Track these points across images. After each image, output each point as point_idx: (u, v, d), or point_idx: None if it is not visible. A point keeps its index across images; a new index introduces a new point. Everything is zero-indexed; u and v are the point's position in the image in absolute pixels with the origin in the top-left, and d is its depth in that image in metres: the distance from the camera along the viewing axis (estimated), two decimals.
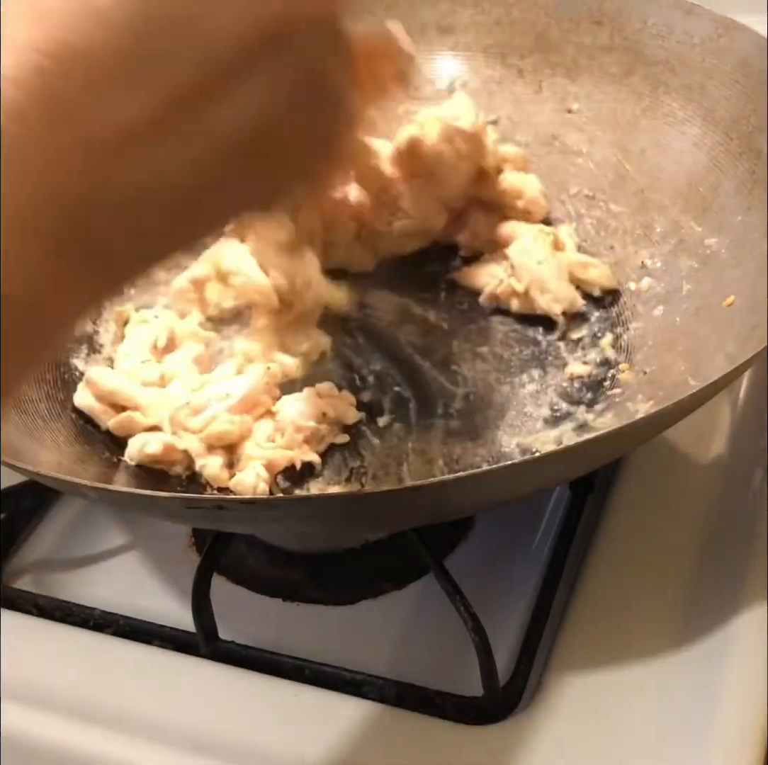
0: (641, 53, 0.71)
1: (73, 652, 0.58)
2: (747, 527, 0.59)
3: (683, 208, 0.67)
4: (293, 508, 0.49)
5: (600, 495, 0.63)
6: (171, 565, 0.63)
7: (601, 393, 0.62)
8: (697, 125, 0.68)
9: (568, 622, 0.57)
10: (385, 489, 0.54)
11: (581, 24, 0.74)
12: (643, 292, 0.67)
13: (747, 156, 0.64)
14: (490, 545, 0.62)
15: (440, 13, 0.78)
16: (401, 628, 0.58)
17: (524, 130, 0.74)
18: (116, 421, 0.61)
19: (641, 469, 0.64)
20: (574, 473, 0.57)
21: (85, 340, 0.68)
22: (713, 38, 0.68)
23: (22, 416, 0.59)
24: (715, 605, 0.56)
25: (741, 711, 0.51)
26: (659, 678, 0.53)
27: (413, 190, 0.69)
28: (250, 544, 0.63)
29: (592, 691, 0.53)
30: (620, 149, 0.72)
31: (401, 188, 0.70)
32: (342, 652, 0.57)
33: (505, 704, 0.53)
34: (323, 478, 0.59)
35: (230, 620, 0.58)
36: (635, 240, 0.69)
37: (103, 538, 0.65)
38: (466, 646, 0.52)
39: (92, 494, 0.51)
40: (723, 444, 0.66)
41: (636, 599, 0.57)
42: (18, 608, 0.61)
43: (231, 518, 0.50)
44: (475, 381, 0.64)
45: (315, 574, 0.62)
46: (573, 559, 0.59)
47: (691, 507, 0.62)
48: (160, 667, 0.57)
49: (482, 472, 0.47)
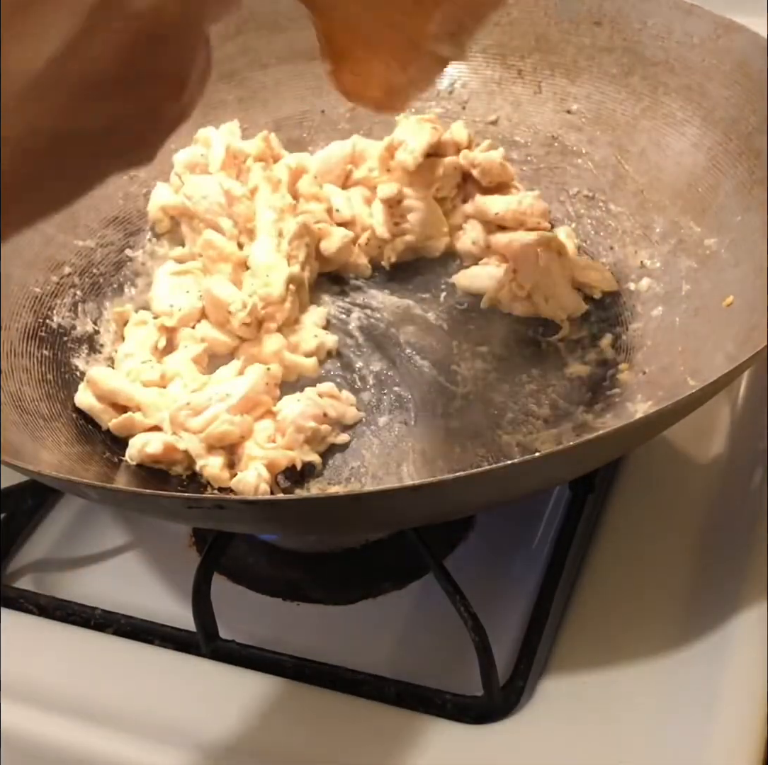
0: (641, 54, 0.72)
1: (74, 652, 0.58)
2: (747, 527, 0.59)
3: (683, 208, 0.67)
4: (293, 508, 0.49)
5: (600, 495, 0.63)
6: (171, 564, 0.63)
7: (600, 393, 0.62)
8: (697, 126, 0.68)
9: (568, 622, 0.57)
10: (385, 489, 0.54)
11: (581, 25, 0.74)
12: (642, 292, 0.67)
13: (746, 156, 0.64)
14: (490, 545, 0.62)
15: None
16: (401, 628, 0.58)
17: (524, 131, 0.74)
18: (117, 422, 0.61)
19: (641, 469, 0.64)
20: (574, 473, 0.57)
21: (85, 340, 0.68)
22: (713, 39, 0.68)
23: (22, 416, 0.59)
24: (715, 605, 0.56)
25: (741, 711, 0.51)
26: (659, 678, 0.53)
27: (424, 207, 0.71)
28: (250, 544, 0.63)
29: (592, 690, 0.53)
30: (620, 150, 0.72)
31: (414, 204, 0.71)
32: (342, 651, 0.57)
33: (505, 704, 0.53)
34: (323, 477, 0.59)
35: (230, 620, 0.58)
36: (635, 240, 0.69)
37: (103, 538, 0.65)
38: (466, 646, 0.52)
39: (93, 494, 0.51)
40: (723, 444, 0.66)
41: (636, 599, 0.57)
42: (18, 608, 0.61)
43: (231, 518, 0.50)
44: (476, 381, 0.64)
45: (315, 574, 0.62)
46: (573, 559, 0.59)
47: (691, 507, 0.62)
48: (160, 666, 0.57)
49: (482, 472, 0.47)
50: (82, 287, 0.70)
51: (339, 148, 0.74)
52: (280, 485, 0.59)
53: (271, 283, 0.64)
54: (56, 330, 0.67)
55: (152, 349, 0.65)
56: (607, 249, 0.70)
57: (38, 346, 0.65)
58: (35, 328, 0.66)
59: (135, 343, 0.65)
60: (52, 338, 0.66)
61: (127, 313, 0.68)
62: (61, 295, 0.68)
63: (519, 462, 0.48)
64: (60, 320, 0.68)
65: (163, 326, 0.66)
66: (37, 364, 0.64)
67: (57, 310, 0.68)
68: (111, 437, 0.62)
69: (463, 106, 0.78)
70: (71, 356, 0.66)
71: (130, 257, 0.73)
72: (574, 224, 0.72)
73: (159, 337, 0.66)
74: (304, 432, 0.59)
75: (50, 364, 0.65)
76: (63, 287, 0.69)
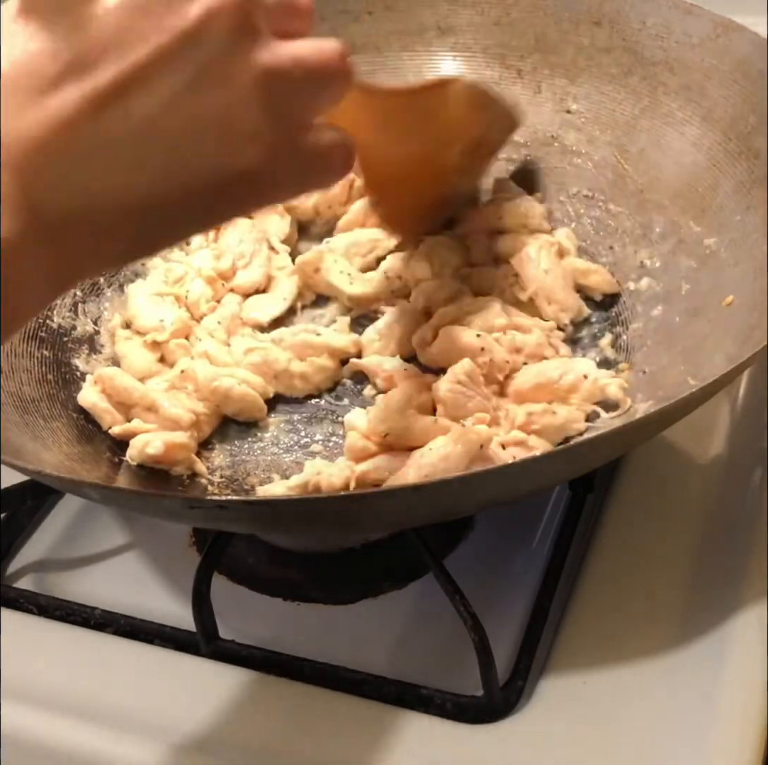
0: (640, 54, 0.71)
1: (74, 652, 0.58)
2: (747, 527, 0.59)
3: (682, 208, 0.67)
4: (293, 508, 0.49)
5: (600, 495, 0.63)
6: (171, 564, 0.63)
7: None
8: (696, 125, 0.68)
9: (568, 622, 0.57)
10: (385, 489, 0.54)
11: (580, 25, 0.74)
12: (642, 292, 0.67)
13: (746, 156, 0.64)
14: (490, 545, 0.62)
15: (440, 13, 0.78)
16: (401, 628, 0.58)
17: (523, 131, 0.74)
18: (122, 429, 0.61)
19: (641, 469, 0.64)
20: (574, 473, 0.58)
21: (85, 341, 0.68)
22: (712, 38, 0.68)
23: (23, 416, 0.59)
24: (715, 605, 0.56)
25: (741, 710, 0.51)
26: (659, 678, 0.53)
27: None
28: (250, 544, 0.63)
29: (592, 690, 0.53)
30: (619, 149, 0.72)
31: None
32: (342, 651, 0.57)
33: (505, 704, 0.53)
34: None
35: (230, 620, 0.58)
36: (634, 240, 0.69)
37: (103, 538, 0.65)
38: (466, 646, 0.52)
39: (94, 494, 0.52)
40: (723, 444, 0.66)
41: (635, 599, 0.57)
42: (18, 608, 0.61)
43: (231, 518, 0.50)
44: None
45: (315, 574, 0.62)
46: (573, 559, 0.59)
47: (691, 507, 0.62)
48: (160, 666, 0.57)
49: (482, 472, 0.47)
50: (82, 287, 0.70)
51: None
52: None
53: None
54: (56, 330, 0.67)
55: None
56: (606, 249, 0.70)
57: (38, 347, 0.65)
58: (35, 328, 0.66)
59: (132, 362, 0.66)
60: (53, 338, 0.66)
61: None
62: (61, 296, 0.68)
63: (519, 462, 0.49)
64: (60, 320, 0.68)
65: (154, 342, 0.66)
66: (37, 365, 0.64)
67: (57, 311, 0.68)
68: (112, 437, 0.62)
69: None
70: (71, 356, 0.66)
71: None
72: (574, 224, 0.72)
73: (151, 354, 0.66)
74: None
75: (50, 364, 0.65)
76: None
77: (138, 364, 0.65)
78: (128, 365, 0.65)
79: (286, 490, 0.57)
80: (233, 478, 0.61)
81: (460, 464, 0.54)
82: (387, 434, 0.57)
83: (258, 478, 0.60)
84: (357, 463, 0.58)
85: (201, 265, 0.71)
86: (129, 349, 0.66)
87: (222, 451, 0.62)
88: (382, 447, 0.58)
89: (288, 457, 0.62)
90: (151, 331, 0.66)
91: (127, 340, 0.67)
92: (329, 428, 0.63)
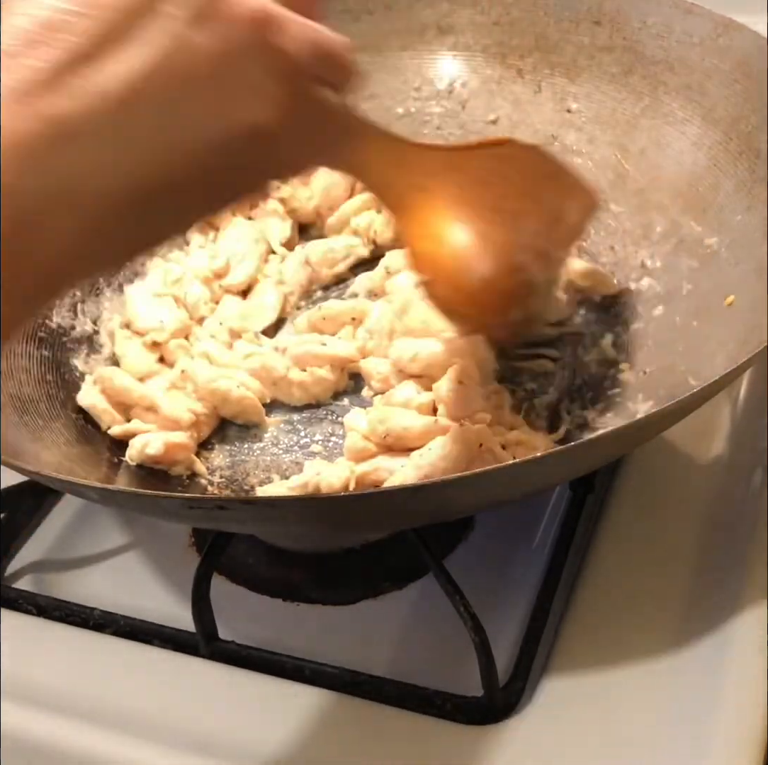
0: (640, 53, 0.71)
1: (73, 652, 0.58)
2: (747, 527, 0.59)
3: (683, 207, 0.67)
4: (293, 508, 0.49)
5: (600, 495, 0.63)
6: (171, 565, 0.63)
7: (601, 393, 0.62)
8: (697, 125, 0.68)
9: (568, 622, 0.57)
10: (385, 489, 0.54)
11: (580, 24, 0.74)
12: (643, 292, 0.67)
13: (746, 155, 0.64)
14: (490, 545, 0.62)
15: (440, 13, 0.78)
16: (401, 628, 0.58)
17: (523, 130, 0.74)
18: (121, 430, 0.61)
19: (641, 469, 0.64)
20: (574, 473, 0.57)
21: (85, 341, 0.68)
22: (713, 38, 0.68)
23: (22, 416, 0.59)
24: (715, 605, 0.56)
25: (741, 711, 0.51)
26: (659, 678, 0.53)
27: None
28: (250, 544, 0.63)
29: (592, 691, 0.53)
30: (620, 149, 0.72)
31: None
32: (342, 652, 0.56)
33: (505, 704, 0.53)
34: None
35: (230, 620, 0.58)
36: (635, 240, 0.69)
37: (102, 538, 0.65)
38: (466, 646, 0.52)
39: (93, 494, 0.51)
40: (723, 444, 0.66)
41: (636, 599, 0.57)
42: (18, 608, 0.61)
43: (231, 518, 0.50)
44: None
45: (315, 574, 0.62)
46: (573, 559, 0.59)
47: (691, 507, 0.62)
48: (160, 667, 0.57)
49: (482, 472, 0.47)
50: (81, 287, 0.70)
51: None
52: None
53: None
54: (55, 330, 0.67)
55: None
56: (607, 249, 0.70)
57: (38, 347, 0.65)
58: (34, 328, 0.66)
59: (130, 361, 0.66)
60: (52, 339, 0.66)
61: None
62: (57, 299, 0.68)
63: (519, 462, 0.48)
64: (59, 320, 0.68)
65: (153, 342, 0.66)
66: (36, 365, 0.64)
67: (56, 311, 0.68)
68: (111, 438, 0.62)
69: (462, 105, 0.78)
70: (71, 356, 0.66)
71: None
72: None
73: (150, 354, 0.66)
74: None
75: (50, 364, 0.65)
76: None
77: (137, 365, 0.65)
78: (127, 365, 0.65)
79: (286, 491, 0.57)
80: (233, 478, 0.61)
81: (460, 464, 0.54)
82: (387, 434, 0.57)
83: (258, 478, 0.60)
84: (357, 464, 0.58)
85: (197, 265, 0.71)
86: (128, 350, 0.66)
87: (221, 452, 0.62)
88: (382, 447, 0.58)
89: (288, 458, 0.62)
90: (150, 332, 0.66)
91: (127, 341, 0.67)
92: (329, 428, 0.63)
